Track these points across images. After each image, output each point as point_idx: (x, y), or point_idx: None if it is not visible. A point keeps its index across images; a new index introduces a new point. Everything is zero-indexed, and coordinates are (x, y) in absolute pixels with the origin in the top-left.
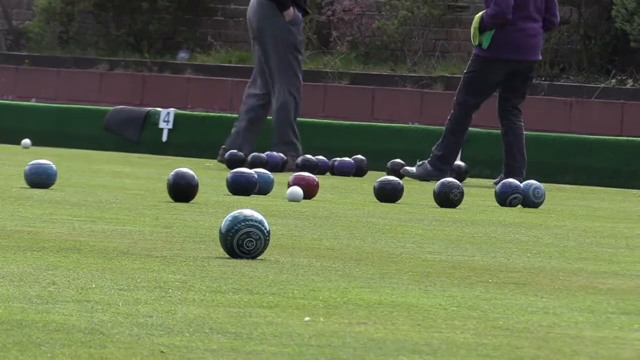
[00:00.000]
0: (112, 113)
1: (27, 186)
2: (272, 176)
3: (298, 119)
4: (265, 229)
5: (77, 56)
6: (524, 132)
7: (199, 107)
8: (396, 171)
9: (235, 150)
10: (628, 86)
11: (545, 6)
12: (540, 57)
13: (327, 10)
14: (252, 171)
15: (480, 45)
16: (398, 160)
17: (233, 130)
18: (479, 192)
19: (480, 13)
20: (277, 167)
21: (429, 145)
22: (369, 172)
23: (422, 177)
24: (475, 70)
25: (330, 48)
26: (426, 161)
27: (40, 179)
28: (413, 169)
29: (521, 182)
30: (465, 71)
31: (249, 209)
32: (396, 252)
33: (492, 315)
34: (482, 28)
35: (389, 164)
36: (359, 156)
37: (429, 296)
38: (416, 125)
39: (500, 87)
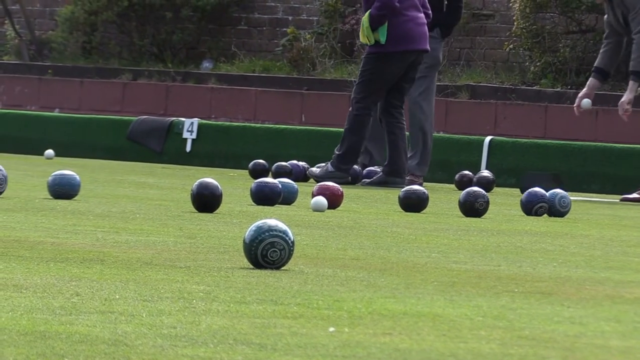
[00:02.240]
0: (136, 123)
1: (50, 197)
2: (296, 186)
3: (326, 128)
4: (290, 239)
5: (100, 66)
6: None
7: (222, 117)
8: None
9: (260, 160)
10: None
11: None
12: (428, 48)
13: (350, 19)
14: (276, 181)
15: (376, 42)
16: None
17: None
18: (504, 201)
19: (366, 13)
20: (300, 176)
21: (454, 154)
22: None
23: (324, 178)
24: (372, 68)
25: (354, 57)
26: (329, 163)
27: (63, 190)
28: (316, 169)
29: (402, 184)
30: (361, 69)
31: (273, 219)
32: (421, 261)
33: (518, 325)
34: (374, 25)
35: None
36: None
37: (455, 306)
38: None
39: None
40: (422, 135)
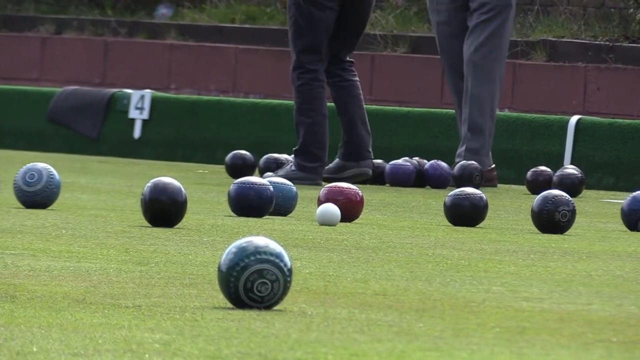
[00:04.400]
0: (60, 97)
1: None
2: (294, 189)
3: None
4: (286, 265)
5: (9, 14)
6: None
7: (187, 87)
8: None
9: (242, 151)
10: None
11: None
12: None
13: None
14: (265, 181)
15: None
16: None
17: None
18: (597, 211)
19: None
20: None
21: (525, 141)
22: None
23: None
24: (294, 15)
25: (381, 0)
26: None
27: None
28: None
29: (370, 167)
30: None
31: (261, 236)
32: (477, 298)
33: None
34: None
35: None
36: (416, 159)
37: None
38: None
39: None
40: (478, 109)
